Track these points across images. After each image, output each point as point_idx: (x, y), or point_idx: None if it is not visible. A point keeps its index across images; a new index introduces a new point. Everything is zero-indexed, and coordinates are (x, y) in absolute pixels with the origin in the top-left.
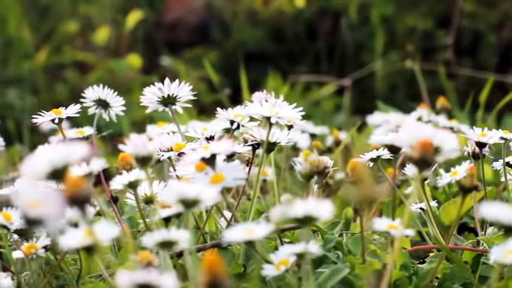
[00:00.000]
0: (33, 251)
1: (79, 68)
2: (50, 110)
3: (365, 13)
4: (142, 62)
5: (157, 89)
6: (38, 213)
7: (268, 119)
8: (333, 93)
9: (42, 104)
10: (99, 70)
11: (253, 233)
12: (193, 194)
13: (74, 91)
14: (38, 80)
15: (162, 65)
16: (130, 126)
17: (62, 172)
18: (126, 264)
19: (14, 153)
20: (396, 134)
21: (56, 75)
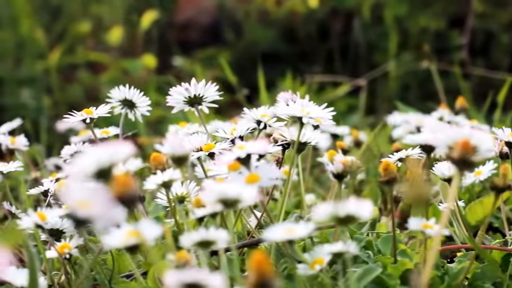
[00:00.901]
0: (66, 251)
1: (91, 68)
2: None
3: (377, 13)
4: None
5: (184, 89)
6: (86, 213)
7: (300, 119)
8: (346, 93)
9: (56, 104)
10: (112, 70)
11: (294, 232)
12: (233, 194)
13: (87, 91)
14: (51, 80)
15: (175, 65)
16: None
17: (107, 172)
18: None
19: (33, 153)
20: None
21: (69, 76)
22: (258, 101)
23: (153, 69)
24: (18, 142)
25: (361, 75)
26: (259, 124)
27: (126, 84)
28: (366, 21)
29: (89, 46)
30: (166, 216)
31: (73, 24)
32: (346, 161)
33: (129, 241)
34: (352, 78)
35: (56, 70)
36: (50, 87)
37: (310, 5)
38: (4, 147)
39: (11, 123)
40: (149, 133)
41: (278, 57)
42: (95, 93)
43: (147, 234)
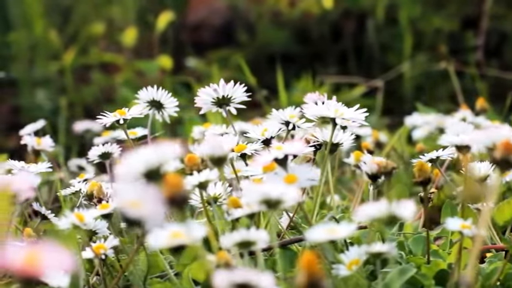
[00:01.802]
0: (102, 251)
1: (104, 70)
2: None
3: (391, 14)
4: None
5: (212, 90)
6: (137, 214)
7: (333, 120)
8: (361, 94)
9: (71, 105)
10: (126, 71)
11: (336, 232)
12: (276, 194)
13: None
14: (66, 81)
15: (188, 66)
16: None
17: (156, 172)
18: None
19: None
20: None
21: (82, 77)
22: (274, 101)
23: (168, 70)
24: (44, 143)
25: (374, 76)
26: (288, 125)
27: (140, 86)
28: (379, 22)
29: (101, 47)
30: (192, 217)
31: (85, 25)
32: (381, 162)
33: (174, 242)
34: (367, 79)
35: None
36: (64, 88)
37: (324, 5)
38: (30, 148)
39: (34, 124)
40: (165, 134)
41: (291, 58)
42: (108, 94)
43: (191, 235)
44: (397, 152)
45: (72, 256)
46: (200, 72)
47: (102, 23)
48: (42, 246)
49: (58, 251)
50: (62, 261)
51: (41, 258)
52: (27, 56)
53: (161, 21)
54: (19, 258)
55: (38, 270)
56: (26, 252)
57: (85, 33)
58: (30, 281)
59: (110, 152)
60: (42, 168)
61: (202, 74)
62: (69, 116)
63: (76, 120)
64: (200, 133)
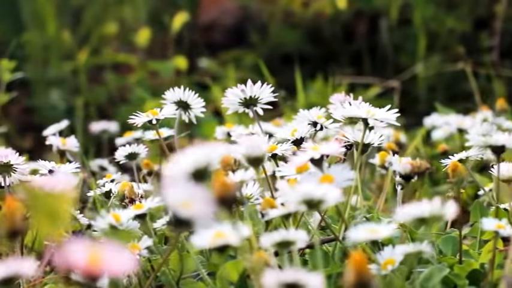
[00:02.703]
0: (136, 252)
1: (116, 70)
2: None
3: (404, 15)
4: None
5: (239, 90)
6: (188, 214)
7: (365, 120)
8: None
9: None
10: (140, 72)
11: (377, 232)
12: (319, 195)
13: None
14: (80, 82)
15: (200, 66)
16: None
17: (204, 172)
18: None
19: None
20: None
21: (95, 77)
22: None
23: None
24: (69, 143)
25: (388, 77)
26: (315, 125)
27: (154, 86)
28: (392, 22)
29: (113, 48)
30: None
31: (97, 25)
32: (415, 162)
33: (217, 242)
34: (382, 80)
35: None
36: (78, 89)
37: (338, 6)
38: (55, 149)
39: (57, 125)
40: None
41: (303, 58)
42: (121, 94)
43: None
44: (420, 152)
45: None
46: (213, 72)
47: (114, 23)
48: (105, 246)
49: (120, 251)
50: (123, 261)
51: (104, 258)
52: (41, 56)
53: (176, 21)
54: (82, 258)
55: (100, 270)
56: (88, 252)
57: (97, 34)
58: (92, 281)
59: (137, 153)
60: (72, 168)
61: (215, 74)
62: (83, 116)
63: (90, 120)
64: (223, 133)
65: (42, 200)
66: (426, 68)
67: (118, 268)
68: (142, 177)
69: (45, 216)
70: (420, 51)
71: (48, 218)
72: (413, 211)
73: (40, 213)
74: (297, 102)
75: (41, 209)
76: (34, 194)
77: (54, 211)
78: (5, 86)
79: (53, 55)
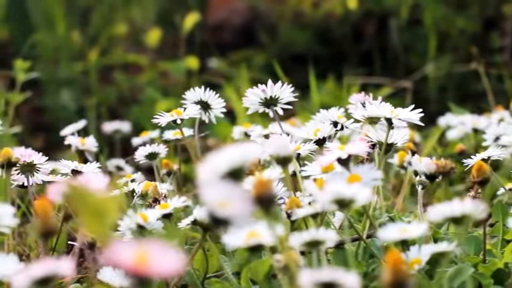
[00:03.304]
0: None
1: (125, 70)
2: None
3: (413, 15)
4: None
5: (260, 90)
6: (225, 213)
7: (389, 120)
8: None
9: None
10: (150, 72)
11: (408, 232)
12: (350, 194)
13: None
14: (91, 82)
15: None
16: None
17: (239, 171)
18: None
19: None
20: None
21: (104, 77)
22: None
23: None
24: (88, 143)
25: (398, 77)
26: (336, 125)
27: (165, 86)
28: (402, 22)
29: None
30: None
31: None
32: (440, 162)
33: (250, 242)
34: (393, 80)
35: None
36: (88, 89)
37: (349, 6)
38: (74, 149)
39: (76, 125)
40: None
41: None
42: (130, 94)
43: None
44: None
45: (180, 255)
46: (223, 72)
47: (123, 24)
48: (152, 246)
49: (167, 250)
50: (171, 261)
51: (151, 257)
52: (51, 56)
53: (187, 21)
54: (130, 258)
55: (148, 270)
56: (136, 252)
57: (107, 34)
58: (140, 280)
59: (157, 152)
60: (94, 168)
61: (225, 74)
62: (94, 116)
63: (101, 120)
64: (240, 133)
65: (90, 200)
66: (437, 68)
67: (165, 268)
68: (162, 177)
69: (92, 216)
70: (431, 51)
71: (96, 219)
72: (444, 211)
73: (87, 213)
74: (311, 102)
75: (89, 210)
76: (81, 194)
77: (102, 211)
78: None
79: (63, 55)
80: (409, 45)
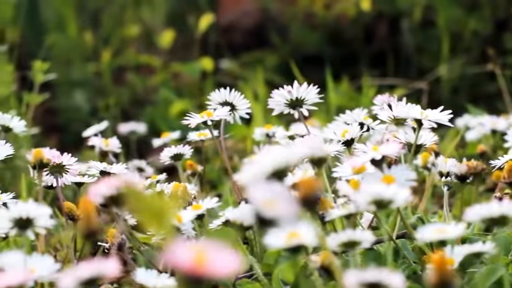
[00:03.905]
0: None
1: (136, 71)
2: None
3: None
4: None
5: (286, 91)
6: (272, 214)
7: (418, 121)
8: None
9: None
10: (163, 73)
11: (446, 232)
12: (389, 195)
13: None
14: (104, 83)
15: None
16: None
17: (283, 172)
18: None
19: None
20: None
21: (116, 79)
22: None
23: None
24: (112, 144)
25: (410, 79)
26: (362, 126)
27: (176, 87)
28: (414, 24)
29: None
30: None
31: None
32: (471, 163)
33: (292, 242)
34: (406, 81)
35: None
36: (101, 90)
37: (362, 7)
38: (98, 150)
39: (98, 126)
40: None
41: (324, 60)
42: (142, 95)
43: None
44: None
45: (238, 256)
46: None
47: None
48: (209, 246)
49: (225, 250)
50: (229, 261)
51: (209, 258)
52: (64, 57)
53: (202, 23)
54: (188, 259)
55: (206, 270)
56: (194, 252)
57: (119, 35)
58: (197, 281)
59: (182, 153)
60: (121, 169)
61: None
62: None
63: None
64: (261, 134)
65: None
66: (450, 70)
67: (223, 268)
68: (187, 178)
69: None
70: (444, 53)
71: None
72: (482, 211)
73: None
74: (327, 103)
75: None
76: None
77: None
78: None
79: (75, 56)
80: (421, 47)
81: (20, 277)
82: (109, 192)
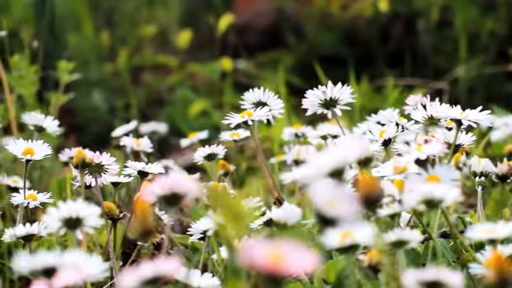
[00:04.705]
0: None
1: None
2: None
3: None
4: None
5: (321, 91)
6: (334, 213)
7: (458, 121)
8: None
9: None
10: (179, 73)
11: (495, 232)
12: (439, 194)
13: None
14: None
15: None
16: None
17: (341, 171)
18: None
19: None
20: None
21: (133, 78)
22: None
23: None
24: (144, 144)
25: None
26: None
27: (193, 87)
28: (430, 24)
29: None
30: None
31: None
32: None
33: (345, 242)
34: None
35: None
36: (117, 89)
37: (380, 7)
38: (129, 149)
39: (127, 125)
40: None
41: (339, 60)
42: (160, 95)
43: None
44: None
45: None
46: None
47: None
48: (286, 245)
49: (301, 250)
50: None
51: (286, 256)
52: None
53: (221, 23)
54: (265, 257)
55: (283, 269)
56: (271, 251)
57: (135, 35)
58: (274, 280)
59: (216, 153)
60: (157, 169)
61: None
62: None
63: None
64: (291, 134)
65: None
66: (468, 70)
67: (300, 267)
68: (219, 178)
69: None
70: (462, 53)
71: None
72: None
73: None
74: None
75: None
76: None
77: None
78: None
79: (92, 56)
80: (437, 47)
81: (75, 277)
82: (163, 192)
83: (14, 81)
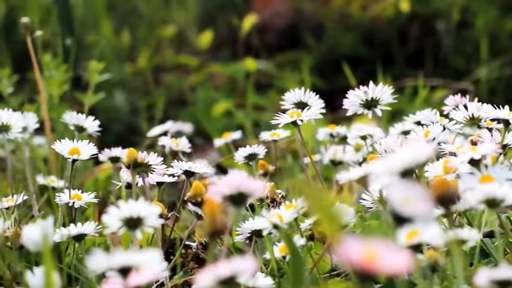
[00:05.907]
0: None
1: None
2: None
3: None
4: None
5: (362, 92)
6: (409, 212)
7: (506, 121)
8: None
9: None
10: (200, 73)
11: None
12: (501, 194)
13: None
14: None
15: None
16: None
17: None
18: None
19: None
20: None
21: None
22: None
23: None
24: (182, 144)
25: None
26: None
27: (214, 87)
28: (450, 25)
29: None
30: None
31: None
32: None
33: (412, 241)
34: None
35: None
36: (139, 90)
37: (401, 8)
38: (168, 149)
39: (163, 126)
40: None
41: (358, 60)
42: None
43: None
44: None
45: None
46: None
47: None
48: (380, 244)
49: (395, 249)
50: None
51: (381, 255)
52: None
53: (245, 23)
54: (359, 255)
55: (378, 267)
56: (365, 249)
57: (154, 36)
58: (369, 277)
59: (257, 153)
60: (202, 168)
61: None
62: (147, 117)
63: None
64: (325, 135)
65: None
66: (490, 71)
67: (394, 266)
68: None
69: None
70: (483, 54)
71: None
72: None
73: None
74: None
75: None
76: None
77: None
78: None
79: (112, 57)
80: (457, 48)
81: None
82: (229, 191)
83: (45, 81)
